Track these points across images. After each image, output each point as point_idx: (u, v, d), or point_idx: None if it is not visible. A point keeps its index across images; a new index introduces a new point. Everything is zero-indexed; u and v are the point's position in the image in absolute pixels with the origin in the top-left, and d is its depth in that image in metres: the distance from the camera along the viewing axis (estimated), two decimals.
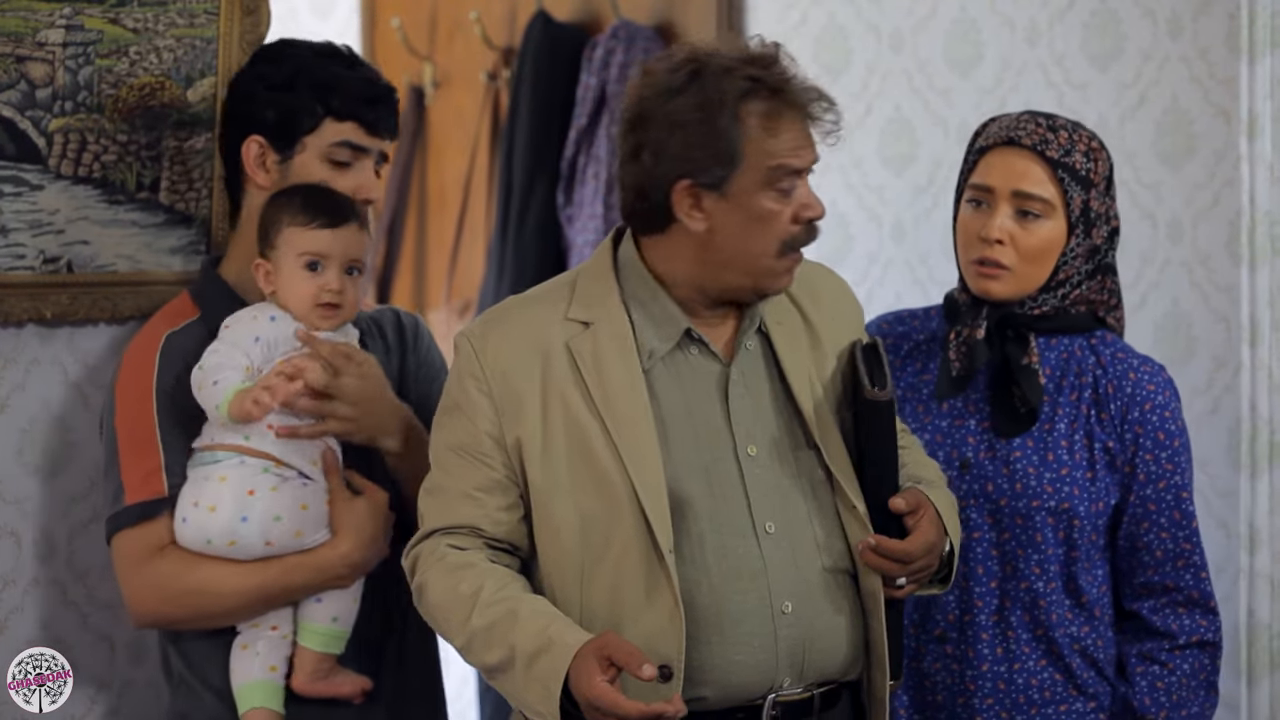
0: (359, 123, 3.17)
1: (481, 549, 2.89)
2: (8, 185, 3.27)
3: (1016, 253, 3.21)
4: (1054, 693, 3.24)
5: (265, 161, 3.18)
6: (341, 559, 3.07)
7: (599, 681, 2.69)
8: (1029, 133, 3.22)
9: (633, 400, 2.86)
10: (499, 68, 5.61)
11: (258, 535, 3.04)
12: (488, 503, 2.89)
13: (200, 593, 3.07)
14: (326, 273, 3.07)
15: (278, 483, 3.06)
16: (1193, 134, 4.23)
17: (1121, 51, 4.34)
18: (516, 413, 2.88)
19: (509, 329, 2.92)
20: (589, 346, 2.88)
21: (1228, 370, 4.19)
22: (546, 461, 2.86)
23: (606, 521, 2.83)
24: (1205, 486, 4.18)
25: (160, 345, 3.15)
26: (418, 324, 3.35)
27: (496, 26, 5.61)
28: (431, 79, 5.80)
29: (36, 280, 3.31)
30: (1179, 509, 3.24)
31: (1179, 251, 4.25)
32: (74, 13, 3.29)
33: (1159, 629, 3.26)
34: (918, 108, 4.61)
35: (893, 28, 4.73)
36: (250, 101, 3.20)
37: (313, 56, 3.21)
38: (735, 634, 2.84)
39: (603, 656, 2.71)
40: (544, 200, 5.31)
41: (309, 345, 3.07)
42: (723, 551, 2.86)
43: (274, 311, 3.08)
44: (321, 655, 3.11)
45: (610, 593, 2.83)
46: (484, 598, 2.82)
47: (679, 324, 2.91)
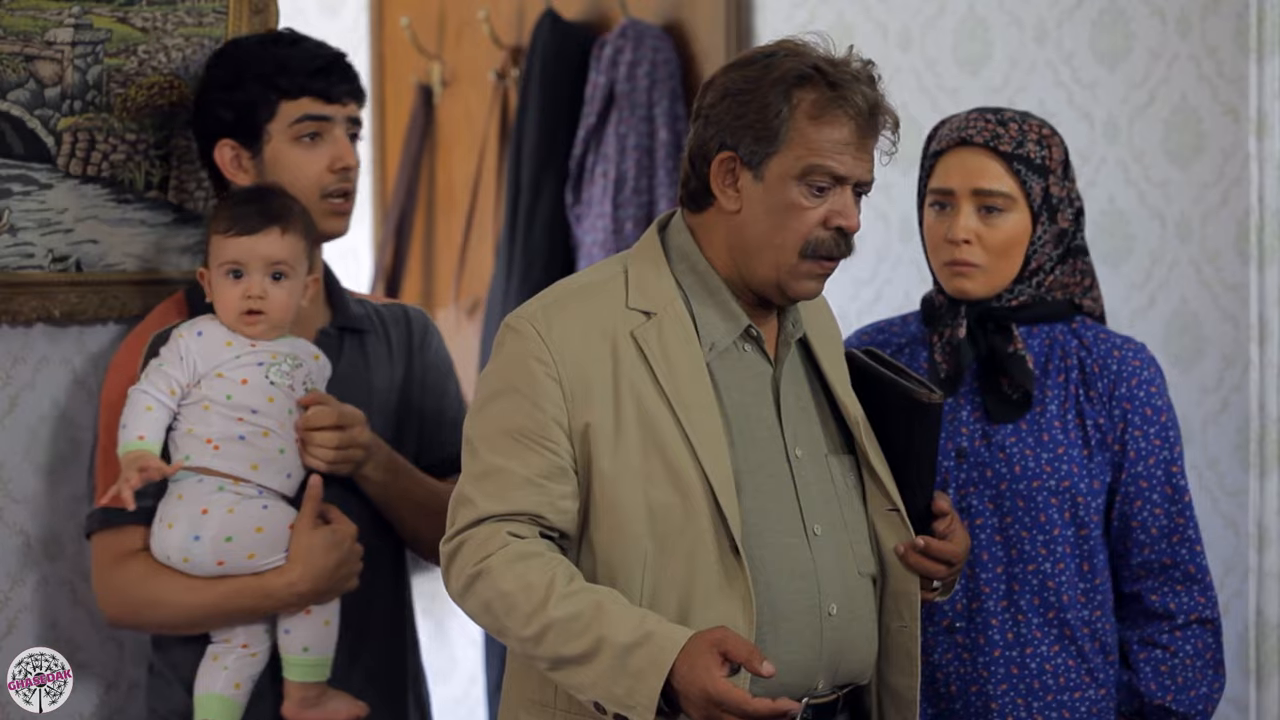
0: (312, 95, 3.19)
1: (539, 538, 2.80)
2: (16, 184, 3.27)
3: (985, 249, 3.24)
4: (1068, 679, 3.24)
5: (241, 161, 3.20)
6: (287, 586, 3.07)
7: (722, 677, 2.65)
8: (979, 130, 3.26)
9: (700, 392, 2.84)
10: (507, 67, 5.61)
11: (209, 555, 3.05)
12: (552, 490, 2.81)
13: (156, 604, 3.10)
14: (248, 279, 3.07)
15: (235, 502, 3.05)
16: (1201, 133, 4.23)
17: (1130, 50, 4.33)
18: (586, 399, 2.81)
19: (573, 315, 2.85)
20: (654, 336, 2.85)
21: (1236, 369, 4.19)
22: (619, 450, 2.81)
23: (680, 513, 2.81)
24: (1214, 485, 4.18)
25: (145, 349, 3.16)
26: (427, 324, 3.35)
27: (505, 25, 5.61)
28: (440, 78, 5.80)
29: (45, 279, 3.31)
30: (1170, 483, 3.26)
31: (1188, 250, 4.25)
32: (83, 12, 3.29)
33: (1158, 610, 3.26)
34: (925, 106, 4.60)
35: (901, 26, 4.73)
36: (209, 109, 3.22)
37: (255, 47, 3.23)
38: (786, 632, 2.84)
39: (720, 651, 2.66)
40: (552, 199, 5.31)
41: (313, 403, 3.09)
42: (779, 550, 2.85)
43: (202, 326, 3.09)
44: (304, 684, 3.11)
45: (682, 584, 2.80)
46: (559, 588, 2.73)
47: (740, 320, 2.89)
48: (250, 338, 3.08)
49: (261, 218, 3.08)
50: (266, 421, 3.07)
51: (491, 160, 5.67)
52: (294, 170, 3.19)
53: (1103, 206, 4.38)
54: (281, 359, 3.09)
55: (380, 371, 3.26)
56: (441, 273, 5.86)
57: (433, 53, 5.81)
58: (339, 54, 3.24)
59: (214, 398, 3.06)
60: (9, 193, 3.27)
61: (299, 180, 3.19)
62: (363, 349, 3.26)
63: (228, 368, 3.07)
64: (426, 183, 5.89)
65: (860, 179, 2.85)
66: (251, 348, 3.08)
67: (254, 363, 3.07)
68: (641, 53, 5.15)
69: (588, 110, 5.25)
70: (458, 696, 5.89)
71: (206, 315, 3.12)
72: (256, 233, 3.07)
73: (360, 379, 3.23)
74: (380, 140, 5.98)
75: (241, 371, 3.07)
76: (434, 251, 5.88)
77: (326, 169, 3.20)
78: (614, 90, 5.21)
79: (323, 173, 3.21)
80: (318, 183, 3.20)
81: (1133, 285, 4.36)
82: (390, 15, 5.89)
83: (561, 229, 5.31)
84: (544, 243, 5.30)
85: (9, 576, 3.35)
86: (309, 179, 3.20)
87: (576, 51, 5.31)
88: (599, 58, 5.25)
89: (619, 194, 5.16)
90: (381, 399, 3.25)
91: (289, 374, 3.09)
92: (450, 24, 5.78)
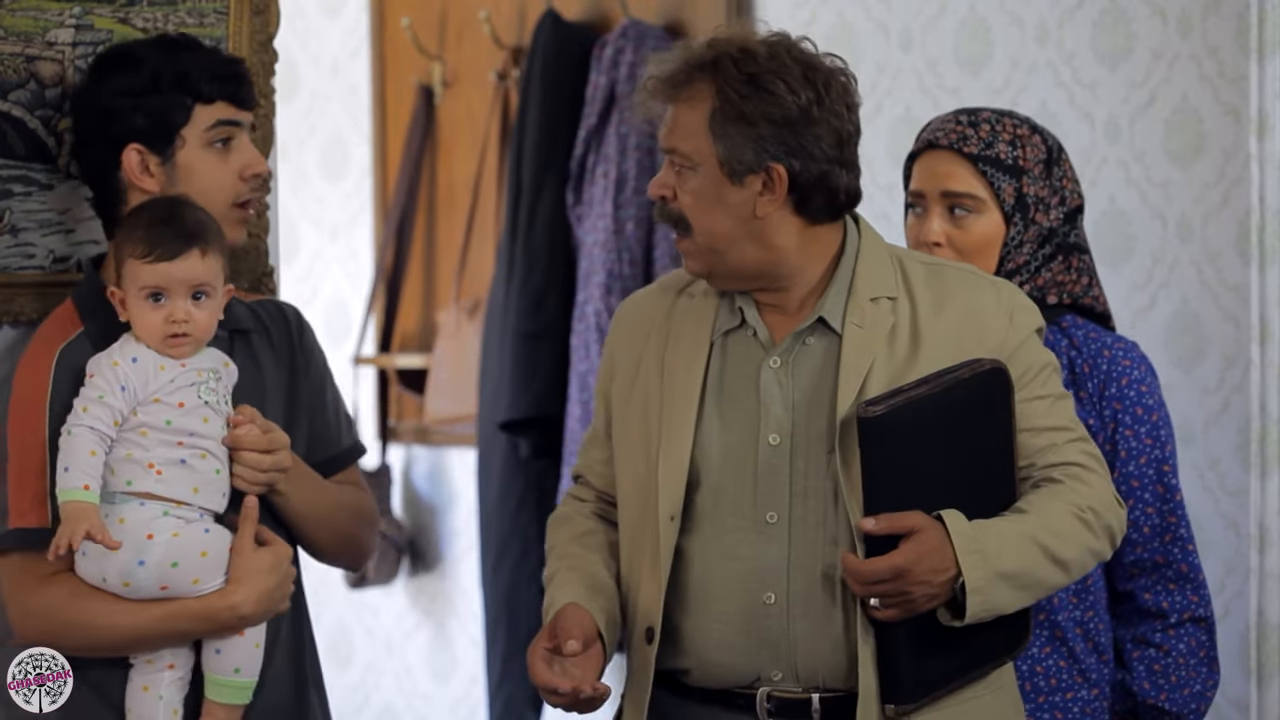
0: (228, 100, 3.16)
1: (595, 500, 3.09)
2: (17, 185, 3.27)
3: (955, 252, 3.24)
4: (1059, 680, 3.24)
5: (149, 167, 3.13)
6: (230, 609, 3.01)
7: (536, 646, 2.89)
8: (947, 133, 3.26)
9: (689, 372, 2.94)
10: (508, 67, 5.61)
11: (153, 580, 2.99)
12: (593, 454, 3.10)
13: (86, 627, 3.01)
14: (170, 303, 3.02)
15: (180, 527, 3.01)
16: (1202, 133, 4.23)
17: (1131, 50, 4.34)
18: (615, 370, 3.05)
19: (644, 295, 3.09)
20: (682, 316, 2.99)
21: (1237, 369, 4.19)
22: (620, 421, 3.02)
23: (644, 486, 2.94)
24: (1215, 486, 4.18)
25: (54, 361, 3.07)
26: (301, 318, 3.28)
27: (505, 26, 5.61)
28: (441, 78, 5.81)
29: (46, 279, 3.31)
30: (1162, 483, 3.25)
31: (1188, 250, 4.25)
32: (84, 12, 3.29)
33: (1151, 609, 3.26)
34: (927, 107, 4.61)
35: (902, 26, 4.73)
36: (116, 113, 3.13)
37: (162, 52, 3.16)
38: (717, 613, 2.89)
39: (554, 626, 2.90)
40: (553, 199, 5.31)
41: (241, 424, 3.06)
42: (719, 529, 2.90)
43: (134, 351, 3.02)
44: (229, 707, 3.05)
45: (635, 554, 2.96)
46: (554, 551, 3.05)
47: (739, 304, 2.96)
48: (174, 359, 3.04)
49: (181, 240, 3.01)
50: (204, 443, 3.04)
51: (492, 161, 5.67)
52: (206, 177, 3.13)
53: (1104, 207, 4.38)
54: (207, 375, 3.06)
55: (269, 372, 3.21)
56: (442, 273, 5.86)
57: (434, 53, 5.81)
58: (240, 60, 3.23)
59: (152, 423, 3.01)
60: (10, 193, 3.27)
61: (211, 188, 3.13)
62: (251, 350, 3.20)
63: (164, 392, 3.02)
64: (427, 183, 5.89)
65: (663, 145, 2.94)
66: (181, 368, 3.04)
67: (187, 384, 3.04)
68: (643, 53, 5.15)
69: (589, 110, 5.25)
70: (458, 696, 5.89)
71: (129, 337, 3.05)
72: (177, 257, 3.00)
73: (253, 381, 3.17)
74: (381, 141, 5.98)
75: (178, 395, 3.03)
76: (435, 252, 5.89)
77: (238, 176, 3.17)
78: (615, 90, 5.21)
79: (235, 180, 3.16)
80: (231, 190, 3.15)
81: (1134, 285, 4.37)
82: (391, 15, 5.89)
83: (562, 229, 5.31)
84: (545, 243, 5.30)
85: None
86: (222, 186, 3.14)
87: (577, 52, 5.31)
88: (600, 58, 5.25)
89: (620, 194, 5.16)
90: (272, 400, 3.18)
91: (215, 389, 3.07)
92: (451, 24, 5.78)
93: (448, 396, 5.69)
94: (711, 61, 2.89)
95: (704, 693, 2.93)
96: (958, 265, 3.04)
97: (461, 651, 5.86)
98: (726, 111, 2.87)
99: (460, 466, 5.79)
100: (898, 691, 2.85)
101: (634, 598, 2.96)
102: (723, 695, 2.91)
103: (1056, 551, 2.86)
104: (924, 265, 2.98)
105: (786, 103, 2.87)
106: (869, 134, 4.72)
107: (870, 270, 2.94)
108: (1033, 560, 2.85)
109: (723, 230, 2.90)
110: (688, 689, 2.94)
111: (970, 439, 2.88)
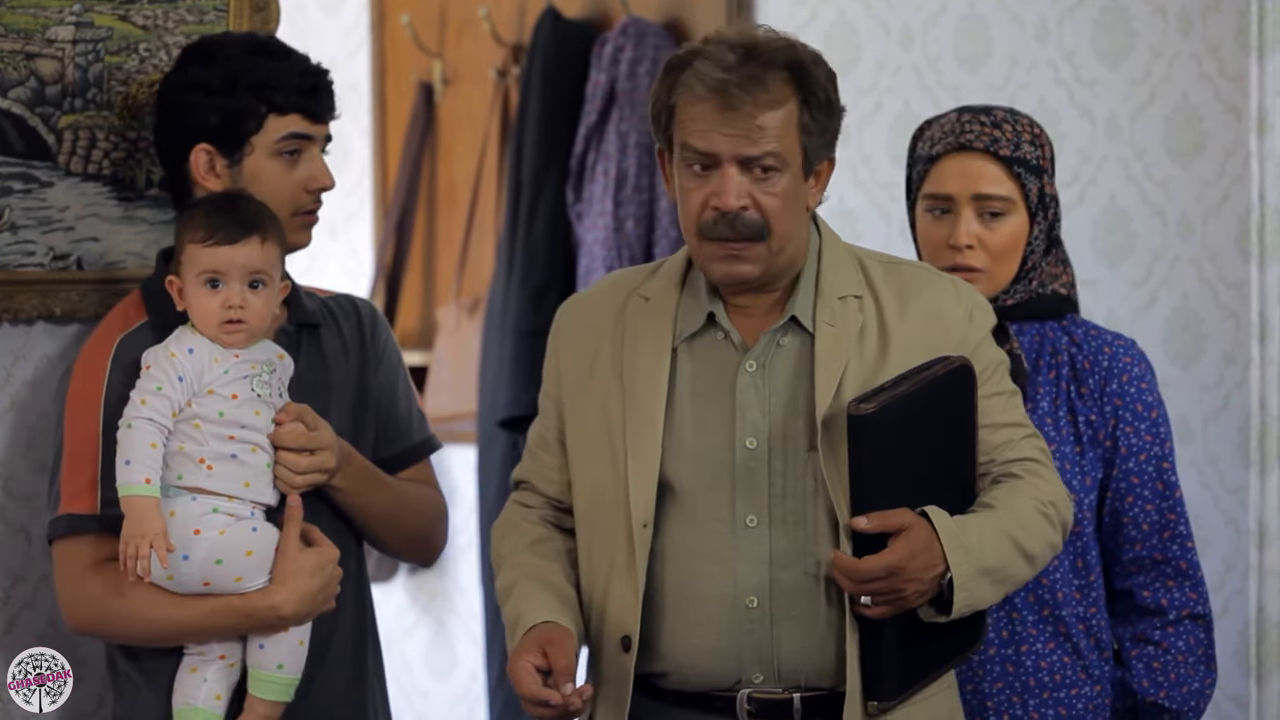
0: (302, 114, 3.17)
1: (543, 506, 3.03)
2: (17, 182, 3.28)
3: (987, 254, 3.24)
4: (1064, 676, 3.24)
5: (215, 168, 3.15)
6: (271, 609, 3.03)
7: (521, 659, 2.84)
8: (978, 135, 3.24)
9: (652, 378, 2.90)
10: (508, 65, 5.61)
11: (197, 575, 3.01)
12: (543, 460, 3.03)
13: (129, 617, 3.04)
14: (228, 289, 3.03)
15: (227, 524, 3.02)
16: (1202, 130, 4.23)
17: (1131, 48, 4.34)
18: (566, 376, 2.99)
19: (589, 297, 3.04)
20: (638, 320, 2.94)
21: (1237, 367, 4.19)
22: (575, 428, 2.97)
23: (610, 491, 2.90)
24: (1214, 483, 4.18)
25: (112, 351, 3.10)
26: (375, 314, 3.31)
27: (506, 23, 5.61)
28: (441, 76, 5.81)
29: (46, 277, 3.31)
30: (1161, 479, 3.26)
31: (1188, 248, 4.26)
32: (84, 9, 3.29)
33: (1149, 606, 3.26)
34: (927, 104, 4.61)
35: (902, 24, 4.73)
36: (190, 109, 3.15)
37: (246, 55, 3.16)
38: (697, 617, 2.87)
39: (542, 643, 2.84)
40: (553, 197, 5.31)
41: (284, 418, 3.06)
42: (697, 534, 2.88)
43: (191, 342, 3.04)
44: (270, 704, 3.06)
45: (605, 561, 2.92)
46: (507, 559, 2.99)
47: (705, 307, 2.92)
48: (228, 347, 3.05)
49: (240, 227, 3.03)
50: (255, 436, 3.05)
51: (492, 158, 5.67)
52: (271, 185, 3.14)
53: (1104, 204, 4.38)
54: (261, 368, 3.07)
55: (337, 367, 3.22)
56: (442, 271, 5.86)
57: (434, 50, 5.81)
58: (324, 71, 3.22)
59: (206, 415, 3.03)
60: (10, 190, 3.27)
61: (274, 196, 3.13)
62: (319, 345, 3.22)
63: (219, 384, 3.04)
64: (427, 181, 5.89)
65: (736, 154, 2.82)
66: (235, 359, 3.05)
67: (241, 376, 3.05)
68: (642, 50, 5.16)
69: (589, 108, 5.25)
70: (458, 694, 5.90)
71: (186, 328, 3.06)
72: (236, 242, 3.03)
73: (319, 377, 3.19)
74: (381, 138, 5.98)
75: (231, 387, 3.04)
76: (435, 249, 5.89)
77: (303, 188, 3.17)
78: (615, 88, 5.21)
79: (299, 192, 3.17)
80: (293, 200, 3.17)
81: (1134, 283, 4.37)
82: (391, 13, 5.89)
83: (563, 227, 5.31)
84: (545, 241, 5.30)
85: (10, 575, 3.35)
86: (285, 196, 3.15)
87: (578, 49, 5.32)
88: (600, 55, 5.25)
89: (620, 192, 5.17)
90: (340, 396, 3.21)
91: (268, 382, 3.07)
92: (451, 22, 5.78)
93: (448, 394, 5.69)
94: (788, 63, 2.85)
95: (681, 695, 2.91)
96: (912, 263, 3.05)
97: (461, 649, 5.86)
98: (812, 109, 2.85)
99: (460, 464, 5.79)
100: (881, 688, 2.86)
101: (602, 605, 2.93)
102: (701, 698, 2.90)
103: (1026, 546, 2.90)
104: (881, 264, 2.98)
105: (834, 95, 2.89)
106: (869, 131, 4.74)
107: (834, 269, 2.94)
108: (1009, 555, 2.88)
109: (794, 229, 2.89)
110: (662, 692, 2.92)
111: (940, 435, 2.90)
